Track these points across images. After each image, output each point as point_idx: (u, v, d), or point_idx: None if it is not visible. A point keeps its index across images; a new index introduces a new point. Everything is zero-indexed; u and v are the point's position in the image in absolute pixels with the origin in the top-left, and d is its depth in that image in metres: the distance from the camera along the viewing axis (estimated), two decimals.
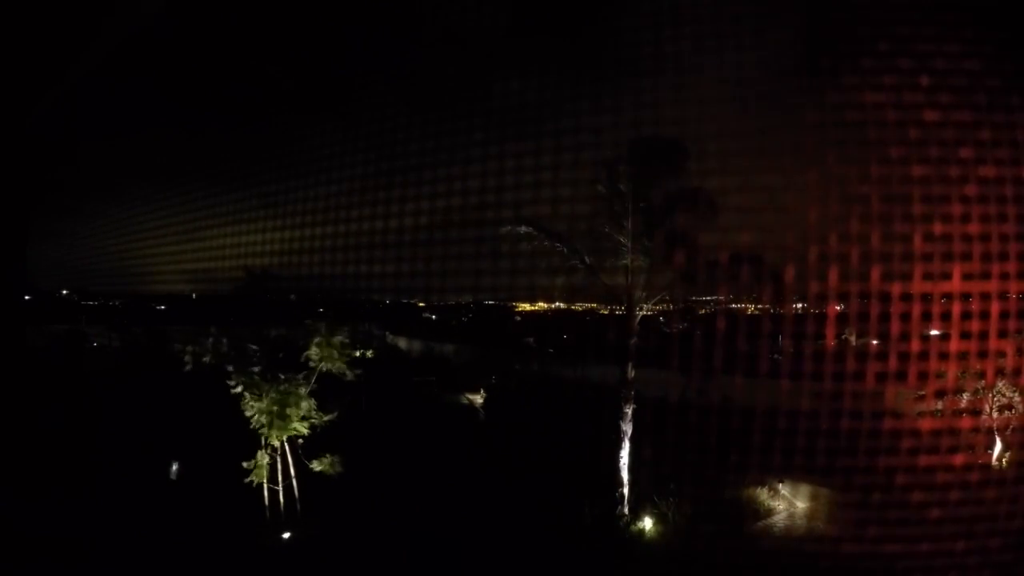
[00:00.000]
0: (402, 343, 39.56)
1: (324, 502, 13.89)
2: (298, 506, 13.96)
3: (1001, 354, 14.84)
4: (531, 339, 33.37)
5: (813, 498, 15.16)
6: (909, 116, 13.29)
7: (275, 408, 13.15)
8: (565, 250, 13.91)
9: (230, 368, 13.15)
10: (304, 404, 13.50)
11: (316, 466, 13.68)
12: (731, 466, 15.61)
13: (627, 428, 14.19)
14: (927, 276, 13.06)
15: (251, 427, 13.39)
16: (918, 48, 13.14)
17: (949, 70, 12.96)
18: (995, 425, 16.03)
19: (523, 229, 13.82)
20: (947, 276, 13.07)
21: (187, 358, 13.24)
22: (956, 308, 13.33)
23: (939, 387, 15.97)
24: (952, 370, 15.40)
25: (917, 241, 13.09)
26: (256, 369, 13.19)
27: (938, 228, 13.02)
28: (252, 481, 13.33)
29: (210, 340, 13.12)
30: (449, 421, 22.52)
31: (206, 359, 13.14)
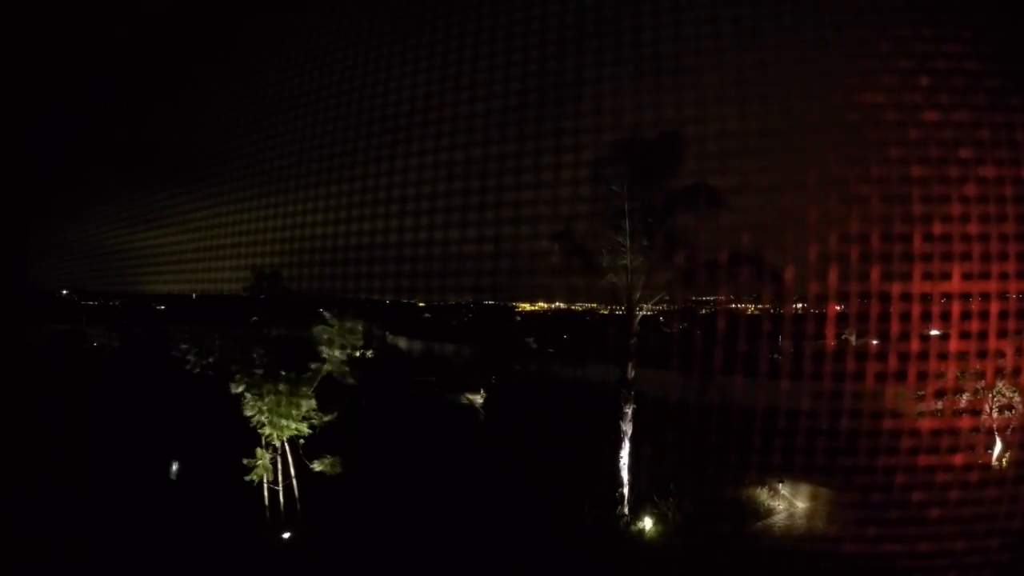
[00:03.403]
0: (402, 343, 39.57)
1: (324, 502, 13.90)
2: (298, 506, 13.96)
3: (1000, 354, 14.84)
4: (531, 339, 33.38)
5: (813, 498, 15.16)
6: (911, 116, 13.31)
7: (275, 408, 13.16)
8: (563, 251, 13.93)
9: (233, 369, 13.17)
10: (304, 404, 13.50)
11: (316, 466, 13.68)
12: (731, 466, 15.62)
13: (627, 428, 14.18)
14: (926, 276, 13.08)
15: (251, 426, 13.39)
16: (918, 48, 13.16)
17: (949, 70, 12.97)
18: (995, 425, 16.03)
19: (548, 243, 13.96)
20: (947, 276, 13.08)
21: (191, 359, 13.29)
22: (956, 308, 13.34)
23: (939, 387, 15.98)
24: (952, 370, 15.42)
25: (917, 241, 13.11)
26: (259, 368, 13.20)
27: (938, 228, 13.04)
28: (252, 480, 13.32)
29: (215, 342, 13.19)
30: (449, 421, 22.51)
31: (210, 360, 13.21)
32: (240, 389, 13.13)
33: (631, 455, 14.18)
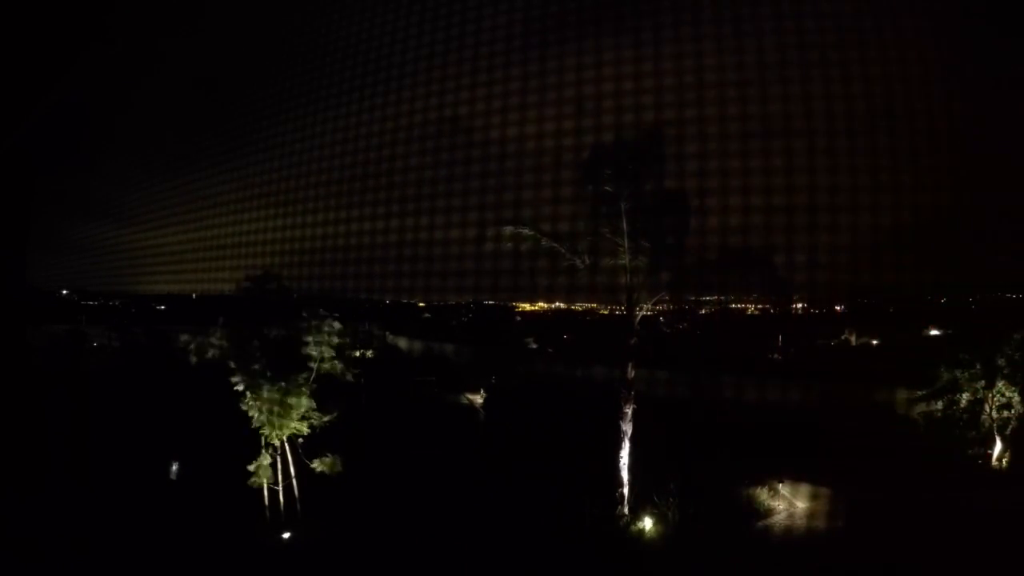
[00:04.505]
0: (402, 343, 39.47)
1: (324, 502, 13.87)
2: (298, 506, 13.94)
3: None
4: (531, 339, 33.37)
5: (813, 498, 15.13)
6: None
7: (275, 407, 13.12)
8: (563, 250, 13.89)
9: (232, 365, 13.13)
10: (304, 402, 13.46)
11: (317, 466, 13.65)
12: (731, 466, 15.61)
13: (627, 428, 14.15)
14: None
15: (252, 427, 13.36)
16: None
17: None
18: (994, 425, 16.03)
19: (512, 230, 13.85)
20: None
21: (191, 353, 13.26)
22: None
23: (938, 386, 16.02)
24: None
25: None
26: (257, 367, 13.15)
27: None
28: (254, 482, 13.30)
29: (214, 336, 13.15)
30: (449, 421, 22.46)
31: (210, 354, 13.15)
32: (241, 387, 13.14)
33: (631, 455, 14.14)
